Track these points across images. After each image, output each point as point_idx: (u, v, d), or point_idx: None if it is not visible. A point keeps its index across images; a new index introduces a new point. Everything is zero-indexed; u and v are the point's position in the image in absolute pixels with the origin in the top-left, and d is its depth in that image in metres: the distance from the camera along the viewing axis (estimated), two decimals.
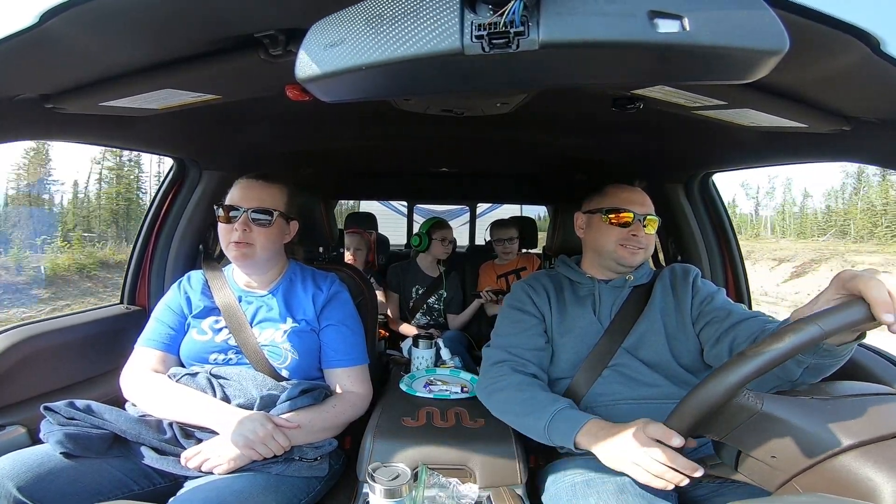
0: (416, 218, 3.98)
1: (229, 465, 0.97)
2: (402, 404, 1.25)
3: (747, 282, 1.83)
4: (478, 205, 4.02)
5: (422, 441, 1.07)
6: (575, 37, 0.45)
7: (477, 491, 0.98)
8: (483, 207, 4.68)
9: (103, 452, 0.98)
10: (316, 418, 1.08)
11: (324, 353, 1.22)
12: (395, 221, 4.92)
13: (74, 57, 0.72)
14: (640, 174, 1.81)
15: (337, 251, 2.39)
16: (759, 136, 1.19)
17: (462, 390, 1.36)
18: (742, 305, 1.13)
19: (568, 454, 1.06)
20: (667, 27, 0.44)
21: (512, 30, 0.46)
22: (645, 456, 0.81)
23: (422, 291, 2.56)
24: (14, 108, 0.87)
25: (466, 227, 3.99)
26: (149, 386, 1.10)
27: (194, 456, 0.98)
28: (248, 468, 0.99)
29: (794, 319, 0.75)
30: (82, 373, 1.38)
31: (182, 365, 1.18)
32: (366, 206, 5.21)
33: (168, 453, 1.02)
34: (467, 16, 0.47)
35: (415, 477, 0.93)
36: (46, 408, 0.99)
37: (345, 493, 1.12)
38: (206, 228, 1.69)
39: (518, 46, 0.46)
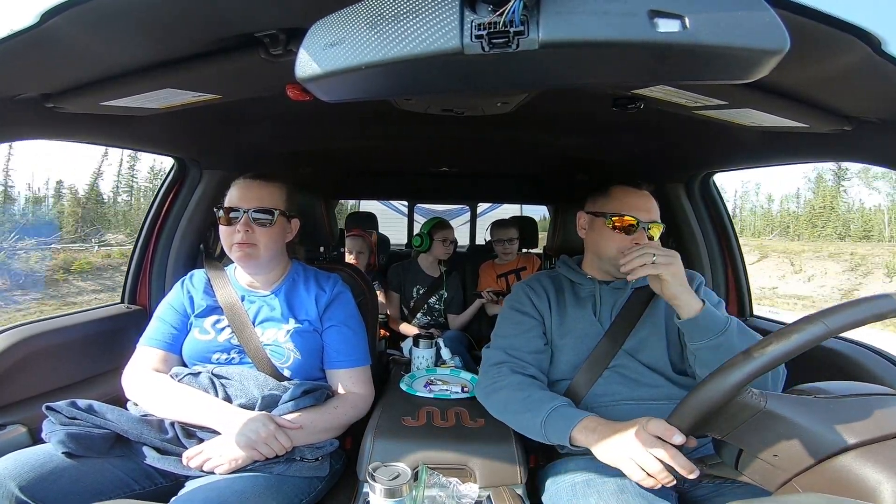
0: (417, 217, 3.99)
1: (231, 465, 0.97)
2: (403, 404, 1.25)
3: (748, 282, 1.83)
4: (478, 204, 4.02)
5: (422, 441, 1.07)
6: (575, 36, 0.45)
7: (477, 491, 0.98)
8: (483, 207, 4.68)
9: (105, 452, 0.98)
10: (318, 419, 1.08)
11: (326, 354, 1.22)
12: (396, 221, 4.91)
13: (75, 56, 0.72)
14: (641, 174, 1.81)
15: (337, 251, 2.39)
16: (760, 136, 1.19)
17: (462, 390, 1.36)
18: (736, 320, 1.07)
19: (568, 454, 1.06)
20: (667, 27, 0.44)
21: (512, 29, 0.46)
22: (644, 453, 0.80)
23: (422, 291, 2.56)
24: (15, 108, 0.87)
25: (467, 227, 3.98)
26: (151, 385, 1.10)
27: (196, 455, 0.98)
28: (250, 468, 0.99)
29: None
30: (83, 372, 1.38)
31: (184, 364, 1.18)
32: (366, 206, 5.21)
33: (170, 453, 1.02)
34: (467, 15, 0.47)
35: (415, 477, 0.93)
36: (48, 407, 0.99)
37: (345, 493, 1.12)
38: (207, 228, 1.69)
39: (518, 46, 0.46)
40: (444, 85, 0.59)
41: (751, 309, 1.83)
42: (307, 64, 0.54)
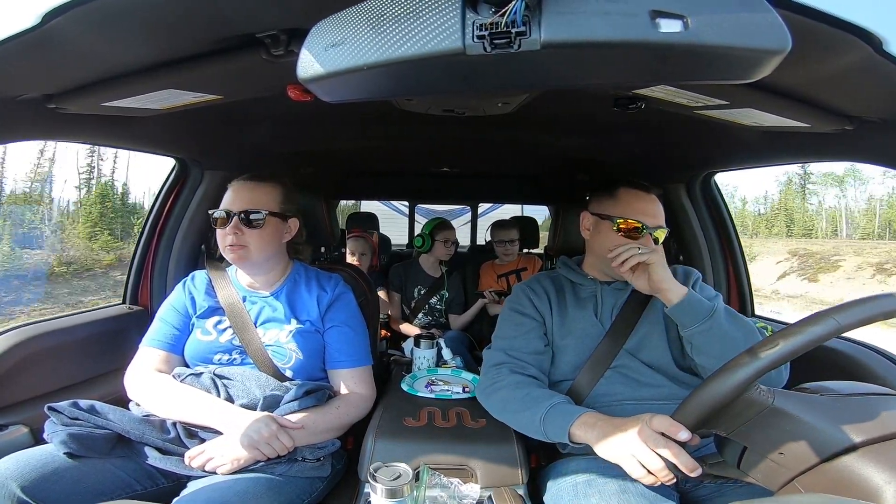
0: (418, 218, 3.99)
1: (233, 466, 0.97)
2: (404, 404, 1.25)
3: (749, 281, 1.83)
4: (479, 205, 4.02)
5: (423, 441, 1.07)
6: (577, 37, 0.45)
7: (478, 491, 0.98)
8: (484, 207, 4.68)
9: (107, 452, 0.98)
10: (320, 419, 1.08)
11: (328, 354, 1.22)
12: (397, 221, 4.91)
13: (77, 57, 0.72)
14: (642, 174, 1.81)
15: (339, 251, 2.39)
16: (762, 136, 1.19)
17: (463, 390, 1.36)
18: (723, 305, 1.10)
19: (570, 454, 1.06)
20: (669, 27, 0.44)
21: (513, 30, 0.46)
22: (646, 450, 0.79)
23: (423, 292, 2.56)
24: (17, 108, 0.87)
25: (468, 227, 3.98)
26: (153, 386, 1.10)
27: (198, 455, 0.98)
28: (252, 468, 0.99)
29: None
30: (84, 373, 1.38)
31: (186, 365, 1.18)
32: (367, 206, 5.21)
33: (172, 453, 1.02)
34: (469, 16, 0.47)
35: (416, 477, 0.93)
36: (50, 408, 0.99)
37: (346, 494, 1.12)
38: (208, 228, 1.68)
39: (520, 46, 0.46)
40: (446, 85, 0.59)
41: (752, 309, 1.82)
42: (308, 64, 0.54)
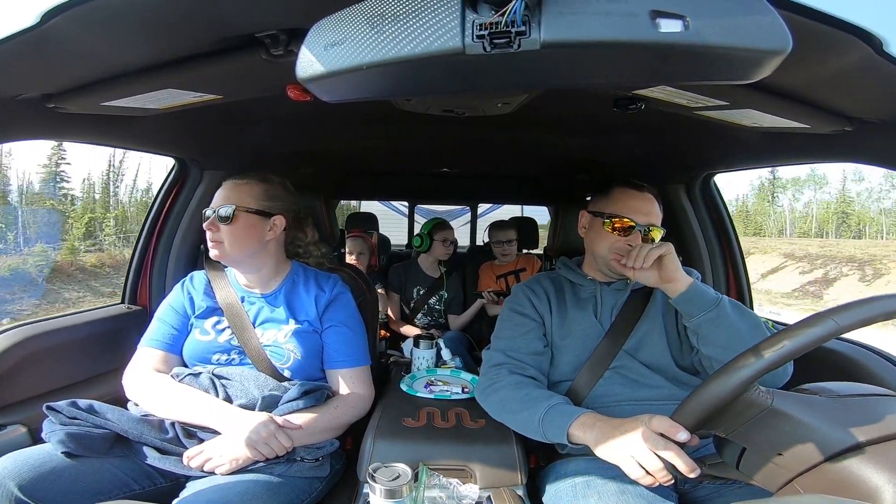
0: (417, 218, 3.98)
1: (231, 466, 0.97)
2: (403, 405, 1.25)
3: (749, 283, 1.83)
4: (479, 205, 4.02)
5: (422, 441, 1.07)
6: (576, 37, 0.45)
7: (477, 491, 0.98)
8: (484, 207, 4.67)
9: (105, 452, 0.98)
10: (318, 419, 1.08)
11: (326, 354, 1.22)
12: (397, 221, 4.91)
13: (76, 57, 0.72)
14: (642, 175, 1.81)
15: (338, 251, 2.39)
16: (761, 137, 1.19)
17: (463, 391, 1.36)
18: (726, 297, 1.11)
19: (568, 455, 1.06)
20: (669, 27, 0.44)
21: (513, 29, 0.46)
22: (645, 450, 0.79)
23: (423, 292, 2.56)
24: (16, 108, 0.87)
25: (467, 228, 3.98)
26: (151, 386, 1.10)
27: (196, 455, 0.98)
28: (251, 469, 0.99)
29: None
30: (83, 372, 1.38)
31: (185, 365, 1.18)
32: (367, 207, 5.21)
33: (170, 453, 1.02)
34: (468, 15, 0.47)
35: (415, 477, 0.93)
36: (49, 407, 0.99)
37: (345, 494, 1.12)
38: None
39: (519, 46, 0.46)
40: (446, 85, 0.59)
41: (751, 309, 1.82)
42: (308, 64, 0.54)
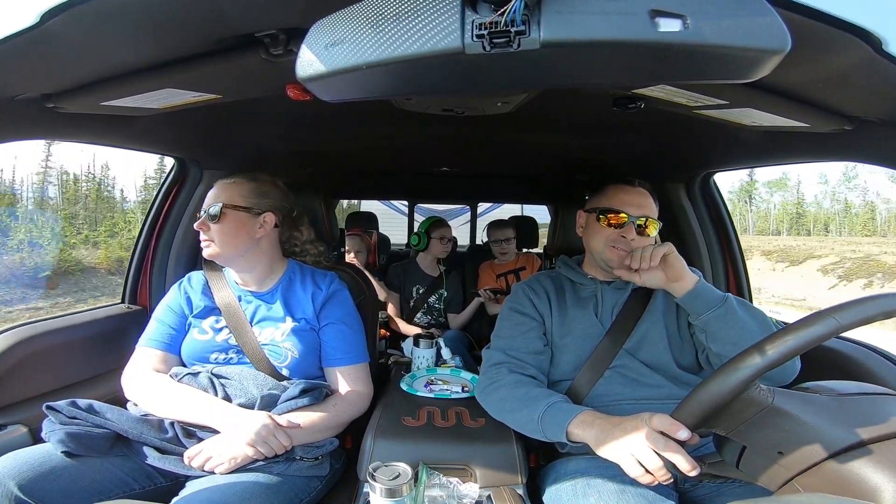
0: (417, 217, 3.98)
1: (231, 465, 0.97)
2: (403, 404, 1.25)
3: (749, 281, 1.83)
4: (478, 204, 4.02)
5: (422, 440, 1.07)
6: (576, 36, 0.45)
7: (477, 490, 0.98)
8: (484, 207, 4.67)
9: (105, 452, 0.98)
10: (317, 417, 1.08)
11: (324, 352, 1.22)
12: (397, 221, 4.91)
13: (75, 56, 0.72)
14: (642, 174, 1.82)
15: (338, 251, 2.39)
16: (761, 136, 1.19)
17: (463, 390, 1.36)
18: (745, 301, 1.12)
19: (568, 454, 1.06)
20: (668, 26, 0.44)
21: (513, 29, 0.46)
22: (645, 448, 0.79)
23: (422, 291, 2.56)
24: (15, 108, 0.87)
25: (467, 227, 3.98)
26: (150, 385, 1.10)
27: (196, 455, 0.98)
28: (250, 468, 0.99)
29: None
30: (83, 372, 1.38)
31: (184, 364, 1.18)
32: (367, 206, 5.21)
33: (170, 453, 1.02)
34: (468, 15, 0.47)
35: (415, 476, 0.93)
36: (49, 407, 0.99)
37: (345, 493, 1.12)
38: None
39: (519, 46, 0.46)
40: (445, 85, 0.59)
41: None
42: (308, 64, 0.54)
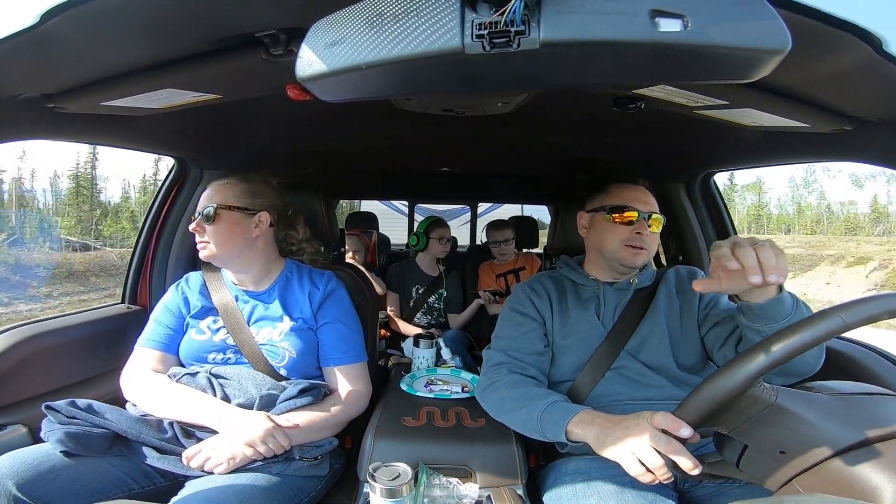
0: (417, 217, 3.98)
1: (230, 465, 0.97)
2: (403, 404, 1.25)
3: None
4: (479, 204, 4.02)
5: (422, 441, 1.07)
6: (576, 36, 0.45)
7: (477, 490, 0.98)
8: (484, 207, 4.67)
9: (104, 451, 0.98)
10: (316, 417, 1.08)
11: (322, 352, 1.21)
12: (397, 221, 4.91)
13: (75, 56, 0.72)
14: (642, 174, 1.82)
15: (338, 251, 2.39)
16: (761, 136, 1.19)
17: (463, 390, 1.36)
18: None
19: (568, 454, 1.06)
20: (668, 26, 0.44)
21: (513, 29, 0.46)
22: (646, 447, 0.78)
23: (422, 291, 2.56)
24: (15, 108, 0.87)
25: (467, 227, 3.98)
26: (149, 386, 1.10)
27: (195, 455, 0.98)
28: (249, 468, 0.99)
29: None
30: (83, 372, 1.38)
31: (182, 365, 1.18)
32: (367, 206, 5.21)
33: (169, 453, 1.02)
34: (468, 15, 0.47)
35: (415, 477, 0.93)
36: (48, 407, 0.99)
37: (345, 493, 1.12)
38: None
39: (519, 46, 0.46)
40: (445, 85, 0.59)
41: None
42: (307, 64, 0.54)
